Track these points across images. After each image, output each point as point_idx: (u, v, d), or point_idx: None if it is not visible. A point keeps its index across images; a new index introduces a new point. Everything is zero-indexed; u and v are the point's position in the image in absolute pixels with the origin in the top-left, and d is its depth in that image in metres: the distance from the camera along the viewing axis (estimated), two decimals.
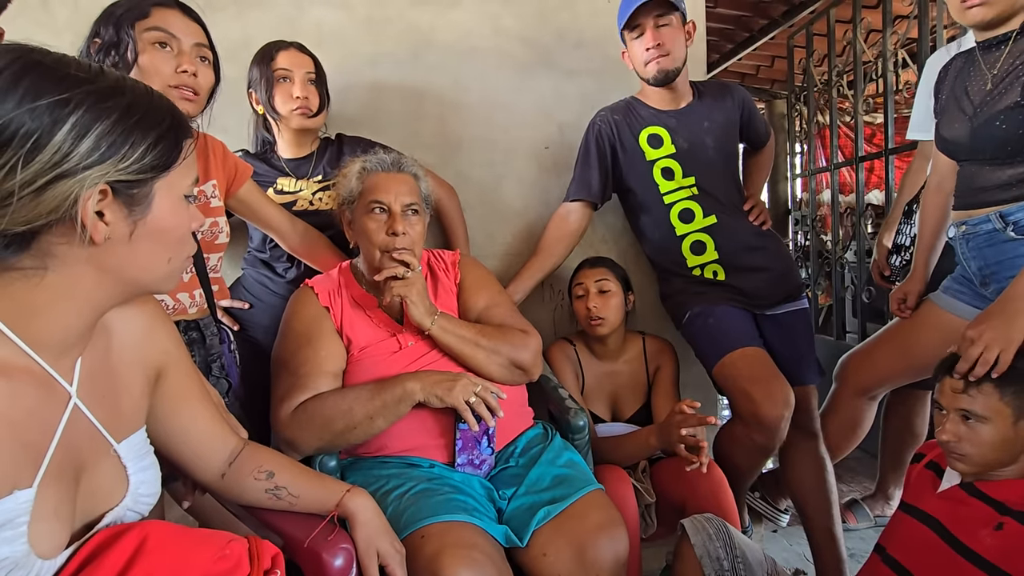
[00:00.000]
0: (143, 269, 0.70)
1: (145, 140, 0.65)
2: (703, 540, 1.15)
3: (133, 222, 0.66)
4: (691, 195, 1.72)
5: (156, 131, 0.66)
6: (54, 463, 0.66)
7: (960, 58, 1.48)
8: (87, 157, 0.61)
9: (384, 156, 1.40)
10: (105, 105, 0.63)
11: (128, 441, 0.77)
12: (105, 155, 0.62)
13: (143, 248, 0.68)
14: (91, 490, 0.72)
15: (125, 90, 0.66)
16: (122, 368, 0.79)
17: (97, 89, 0.63)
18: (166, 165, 0.68)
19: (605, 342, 1.72)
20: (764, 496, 1.98)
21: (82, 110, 0.61)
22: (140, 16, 1.13)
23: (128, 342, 0.80)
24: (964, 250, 1.45)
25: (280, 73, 1.56)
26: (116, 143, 0.63)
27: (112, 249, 0.66)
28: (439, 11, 1.91)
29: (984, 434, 1.10)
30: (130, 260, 0.68)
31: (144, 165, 0.65)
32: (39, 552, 0.63)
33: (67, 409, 0.69)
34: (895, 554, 1.18)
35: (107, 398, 0.75)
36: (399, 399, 1.22)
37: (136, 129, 0.65)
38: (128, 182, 0.65)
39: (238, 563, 0.73)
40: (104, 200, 0.64)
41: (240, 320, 1.62)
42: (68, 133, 0.60)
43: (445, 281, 1.45)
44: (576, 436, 1.43)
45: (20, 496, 0.62)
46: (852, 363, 1.78)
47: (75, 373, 0.71)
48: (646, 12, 1.62)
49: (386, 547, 0.99)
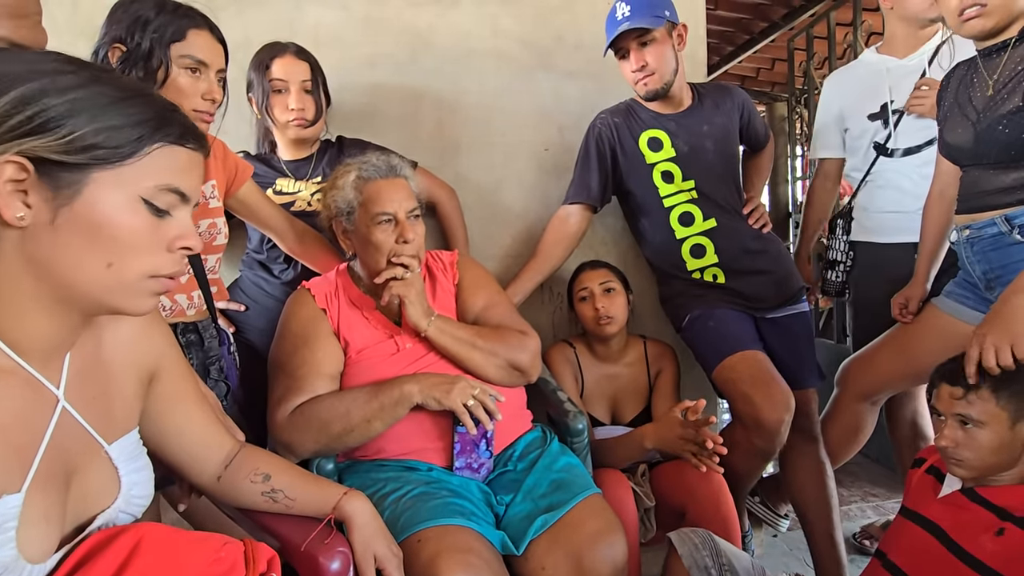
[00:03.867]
0: (73, 268, 0.63)
1: (91, 123, 0.61)
2: (690, 551, 1.16)
3: (55, 207, 0.61)
4: (691, 198, 1.71)
5: (112, 119, 0.62)
6: (43, 467, 0.65)
7: (962, 66, 1.51)
8: (15, 129, 0.58)
9: (376, 162, 1.35)
10: (62, 83, 0.61)
11: (120, 443, 0.76)
12: (35, 129, 0.59)
13: (69, 241, 0.62)
14: (82, 492, 0.71)
15: (102, 79, 0.64)
16: (114, 369, 0.78)
17: (67, 70, 0.62)
18: (111, 158, 0.62)
19: (608, 344, 1.71)
20: (764, 501, 1.97)
21: (34, 83, 0.59)
22: (177, 38, 1.14)
23: (121, 342, 0.79)
24: (968, 254, 1.45)
25: (276, 84, 1.55)
26: (54, 119, 0.59)
27: (37, 236, 0.61)
28: (438, 12, 1.91)
29: (982, 439, 1.10)
30: (56, 253, 0.62)
31: (72, 146, 0.60)
32: (28, 557, 0.62)
33: (55, 412, 0.68)
34: (896, 560, 1.17)
35: (98, 399, 0.75)
36: (397, 401, 1.21)
37: (85, 111, 0.61)
38: (56, 162, 0.60)
39: (233, 566, 0.73)
40: (26, 179, 0.60)
41: (236, 322, 1.62)
42: (5, 104, 0.58)
43: (443, 281, 1.45)
44: (575, 439, 1.43)
45: (8, 501, 0.61)
46: (854, 368, 1.78)
47: (63, 375, 0.70)
48: (627, 36, 1.61)
49: (383, 550, 0.98)
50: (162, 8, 1.14)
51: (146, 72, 1.12)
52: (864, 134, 1.92)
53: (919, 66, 1.83)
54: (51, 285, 0.64)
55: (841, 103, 1.97)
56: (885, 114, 1.87)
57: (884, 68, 1.89)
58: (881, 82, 1.88)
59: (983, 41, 1.41)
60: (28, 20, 0.90)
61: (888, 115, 1.87)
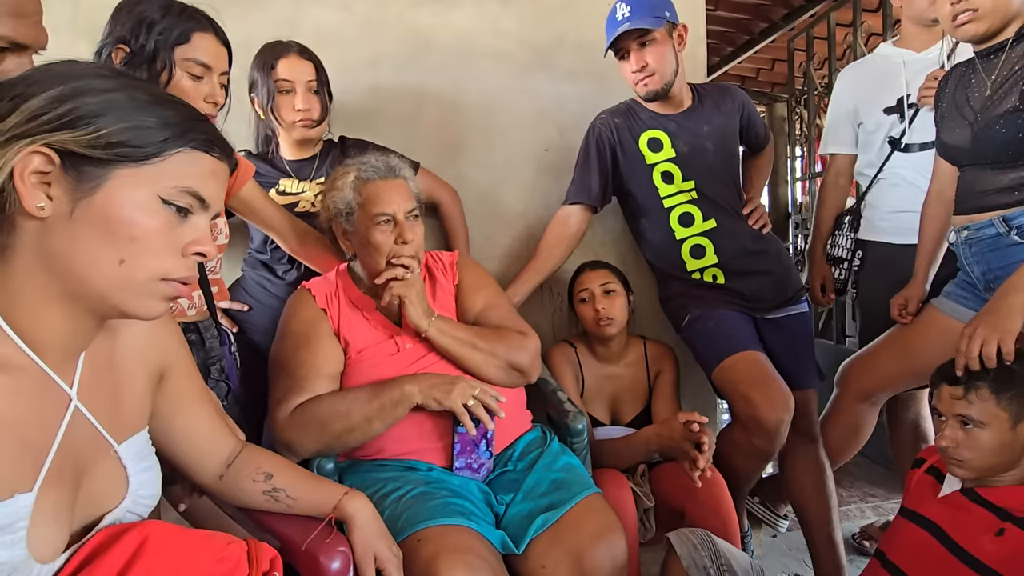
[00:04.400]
0: (86, 262, 0.63)
1: (120, 122, 0.62)
2: (688, 551, 1.17)
3: (75, 200, 0.62)
4: (690, 199, 1.72)
5: (141, 120, 0.64)
6: (55, 466, 0.65)
7: (960, 67, 1.51)
8: (49, 123, 0.60)
9: (375, 162, 1.35)
10: (99, 85, 0.63)
11: (129, 442, 0.77)
12: (67, 124, 0.61)
13: (85, 234, 0.62)
14: (91, 492, 0.71)
15: (137, 85, 0.66)
16: (126, 368, 0.78)
17: (105, 75, 0.65)
18: (135, 156, 0.63)
19: (608, 344, 1.72)
20: (764, 501, 1.98)
21: (73, 83, 0.62)
22: (182, 41, 1.14)
23: (132, 342, 0.79)
24: (967, 255, 1.45)
25: (281, 84, 1.56)
26: (86, 116, 0.61)
27: (55, 228, 0.62)
28: (439, 13, 1.91)
29: (982, 439, 1.11)
30: (71, 246, 0.63)
31: (100, 141, 0.61)
32: (38, 557, 0.62)
33: (68, 411, 0.69)
34: (895, 559, 1.18)
35: (109, 399, 0.75)
36: (397, 402, 1.21)
37: (116, 110, 0.63)
38: (81, 156, 0.61)
39: (237, 565, 0.73)
40: (51, 171, 0.61)
41: (239, 322, 1.62)
42: (43, 100, 0.61)
43: (443, 282, 1.45)
44: (575, 440, 1.43)
45: (20, 500, 0.61)
46: (854, 368, 1.78)
47: (76, 374, 0.71)
48: (627, 36, 1.61)
49: (383, 550, 0.98)
50: (167, 10, 1.14)
51: (149, 74, 1.12)
52: (879, 128, 1.89)
53: (936, 60, 1.81)
54: (63, 280, 0.64)
55: (856, 97, 1.94)
56: (901, 108, 1.85)
57: (901, 61, 1.87)
58: (897, 75, 1.86)
59: (980, 43, 1.42)
60: (28, 19, 0.90)
61: (904, 109, 1.84)
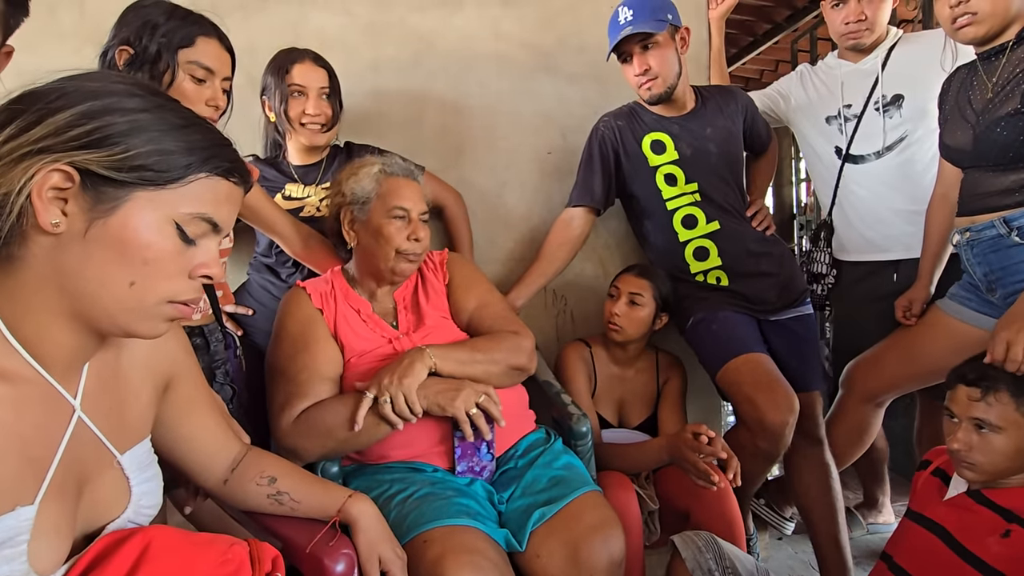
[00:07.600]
0: (97, 282, 0.63)
1: (146, 145, 0.62)
2: (693, 553, 1.16)
3: (91, 219, 0.61)
4: (694, 201, 1.71)
5: (167, 144, 0.63)
6: (57, 478, 0.65)
7: (963, 69, 1.52)
8: (74, 140, 0.60)
9: (399, 161, 1.42)
10: (128, 104, 0.63)
11: (132, 452, 0.76)
12: (93, 143, 0.60)
13: (97, 254, 0.62)
14: (93, 503, 0.71)
15: (166, 106, 0.66)
16: (131, 377, 0.78)
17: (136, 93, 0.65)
18: (157, 180, 0.63)
19: (625, 348, 1.71)
20: (769, 503, 1.97)
21: (102, 100, 0.62)
22: (186, 44, 1.15)
23: (137, 351, 0.79)
24: (969, 256, 1.45)
25: (295, 88, 1.57)
26: (112, 136, 0.61)
27: (68, 246, 0.62)
28: (441, 17, 1.91)
29: (997, 444, 1.09)
30: (82, 265, 0.62)
31: (124, 164, 0.61)
32: (38, 569, 0.62)
33: (71, 422, 0.68)
34: (901, 562, 1.17)
35: (113, 408, 0.75)
36: None
37: (143, 133, 0.62)
38: (102, 177, 0.61)
39: (240, 566, 0.73)
40: (70, 188, 0.61)
41: (243, 325, 1.62)
42: (71, 116, 0.60)
43: (434, 281, 1.45)
44: (579, 442, 1.43)
45: (22, 513, 0.60)
46: (859, 370, 1.78)
47: (80, 385, 0.70)
48: (630, 40, 1.61)
49: (388, 553, 0.98)
50: (172, 14, 1.15)
51: (152, 76, 1.13)
52: (823, 135, 1.90)
53: (872, 69, 1.83)
54: (72, 298, 0.64)
55: (803, 95, 1.95)
56: (840, 119, 1.86)
57: (840, 72, 1.88)
58: (836, 86, 1.88)
59: (981, 46, 1.42)
60: None
61: (842, 119, 1.86)
